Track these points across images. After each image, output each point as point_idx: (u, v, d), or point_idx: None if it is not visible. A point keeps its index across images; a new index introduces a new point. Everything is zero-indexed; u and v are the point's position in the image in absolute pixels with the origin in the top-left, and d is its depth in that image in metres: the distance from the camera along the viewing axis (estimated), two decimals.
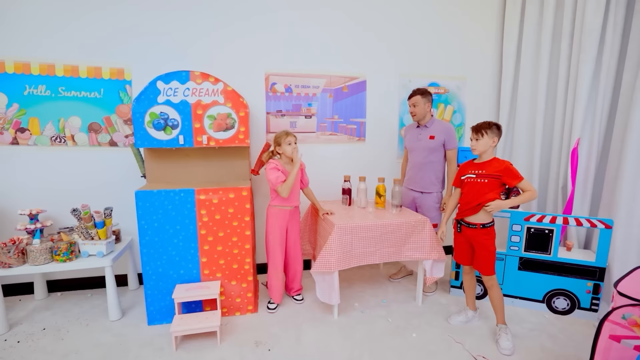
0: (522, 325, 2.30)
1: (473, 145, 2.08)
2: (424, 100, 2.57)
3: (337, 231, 2.24)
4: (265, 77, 2.81)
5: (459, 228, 2.20)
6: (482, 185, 2.06)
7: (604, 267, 2.31)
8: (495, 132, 2.03)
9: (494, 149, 2.08)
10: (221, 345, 2.06)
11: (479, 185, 2.07)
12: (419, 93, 2.57)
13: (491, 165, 2.05)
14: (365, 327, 2.25)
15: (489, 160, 2.08)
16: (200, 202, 2.19)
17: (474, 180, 2.09)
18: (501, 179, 2.01)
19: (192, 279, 2.26)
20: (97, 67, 2.47)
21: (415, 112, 2.59)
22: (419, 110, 2.57)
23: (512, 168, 2.01)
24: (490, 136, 2.03)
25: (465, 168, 2.17)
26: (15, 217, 2.41)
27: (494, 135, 2.03)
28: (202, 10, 2.62)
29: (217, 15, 2.66)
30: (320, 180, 2.96)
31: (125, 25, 2.49)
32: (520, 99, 3.11)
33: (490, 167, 2.05)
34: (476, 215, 2.09)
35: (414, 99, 2.57)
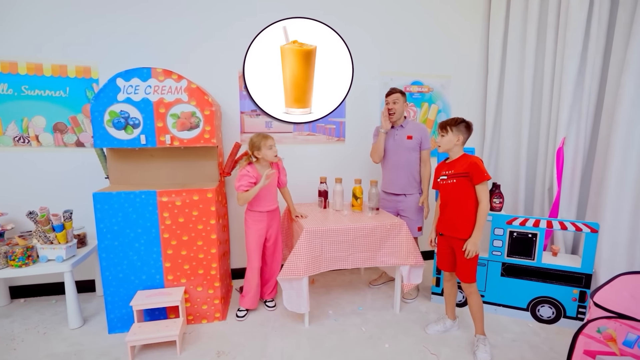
0: (504, 335, 2.17)
1: (438, 141, 2.00)
2: (403, 99, 2.49)
3: (306, 235, 2.14)
4: (239, 76, 2.72)
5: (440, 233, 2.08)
6: (452, 187, 1.96)
7: (590, 273, 2.18)
8: (461, 129, 1.94)
9: (461, 147, 1.97)
10: (181, 356, 1.95)
11: (450, 187, 1.97)
12: (399, 91, 2.48)
13: (459, 163, 1.95)
14: (336, 337, 2.14)
15: (457, 158, 1.98)
16: (162, 205, 2.10)
17: (446, 182, 1.99)
18: (469, 175, 1.90)
19: (155, 285, 2.17)
20: (63, 65, 2.39)
21: (395, 110, 2.48)
22: (399, 107, 2.48)
23: (480, 165, 1.89)
24: (455, 133, 1.93)
25: (439, 169, 2.08)
26: None
27: (460, 132, 1.94)
28: (172, 7, 2.55)
29: (189, 13, 2.58)
30: (298, 182, 2.85)
31: (92, 22, 2.41)
32: (506, 97, 3.00)
33: (457, 165, 1.95)
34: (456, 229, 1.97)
35: (395, 96, 2.48)
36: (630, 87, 2.05)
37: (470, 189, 1.91)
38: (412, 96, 3.10)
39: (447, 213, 2.00)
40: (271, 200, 2.34)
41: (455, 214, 1.95)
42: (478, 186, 1.89)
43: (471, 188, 1.91)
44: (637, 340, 1.19)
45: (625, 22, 2.17)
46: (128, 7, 2.47)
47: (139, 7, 2.49)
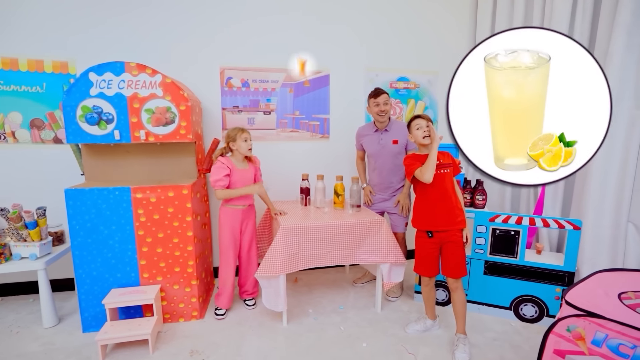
0: (485, 335, 2.13)
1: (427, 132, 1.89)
2: (390, 101, 2.45)
3: (282, 232, 2.10)
4: (220, 72, 2.69)
5: (429, 233, 1.96)
6: (446, 177, 1.92)
7: (573, 271, 2.14)
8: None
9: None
10: (153, 355, 1.92)
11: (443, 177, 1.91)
12: (387, 92, 2.44)
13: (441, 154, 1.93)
14: (314, 336, 2.10)
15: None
16: (137, 201, 2.06)
17: (439, 173, 1.89)
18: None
19: (130, 283, 2.13)
20: (39, 61, 2.36)
21: (386, 111, 2.41)
22: (389, 108, 2.44)
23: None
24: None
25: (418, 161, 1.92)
26: None
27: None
28: (152, 2, 2.51)
29: (169, 8, 2.55)
30: (281, 179, 2.82)
31: (69, 17, 2.38)
32: None
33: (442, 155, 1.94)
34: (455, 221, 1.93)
35: (384, 97, 2.41)
36: (613, 81, 2.01)
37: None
38: (397, 92, 3.06)
39: (448, 204, 1.91)
40: (247, 197, 2.31)
41: (452, 206, 1.92)
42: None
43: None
44: (605, 339, 1.15)
45: (609, 12, 2.12)
46: (105, 1, 2.43)
47: (117, 2, 2.45)
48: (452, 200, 1.92)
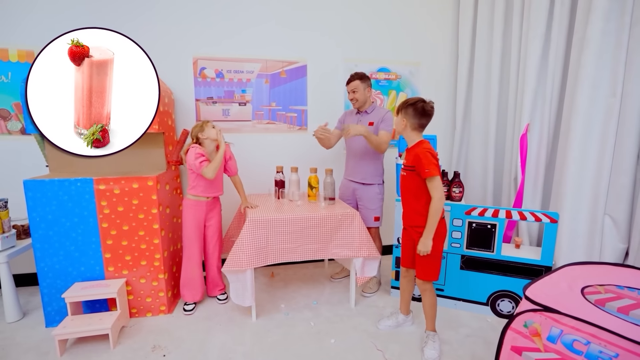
0: (459, 331, 2.07)
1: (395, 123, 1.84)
2: (364, 85, 2.37)
3: (249, 225, 2.04)
4: (194, 62, 2.62)
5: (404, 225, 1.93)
6: (404, 180, 1.82)
7: (550, 265, 2.07)
8: (409, 112, 1.73)
9: (412, 132, 1.77)
10: (114, 350, 1.87)
11: (403, 179, 1.83)
12: (358, 77, 2.36)
13: (409, 153, 1.78)
14: (282, 331, 2.05)
15: (412, 146, 1.79)
16: (100, 193, 2.01)
17: (402, 173, 1.84)
18: (415, 169, 1.72)
19: (95, 277, 2.08)
20: (4, 49, 2.31)
21: (356, 98, 2.38)
22: (360, 95, 2.37)
23: (424, 157, 1.66)
24: (402, 116, 1.76)
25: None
26: None
27: (406, 115, 1.74)
28: None
29: None
30: (257, 172, 2.76)
31: (36, 3, 2.32)
32: (476, 83, 2.88)
33: (408, 155, 1.79)
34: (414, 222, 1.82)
35: (353, 84, 2.37)
36: (589, 68, 1.93)
37: (420, 183, 1.73)
38: (378, 83, 2.99)
39: (405, 205, 1.87)
40: (217, 187, 2.25)
41: (411, 208, 1.82)
42: (427, 181, 1.70)
43: (422, 181, 1.73)
44: (560, 335, 1.08)
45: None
46: None
47: None
48: (410, 204, 1.81)
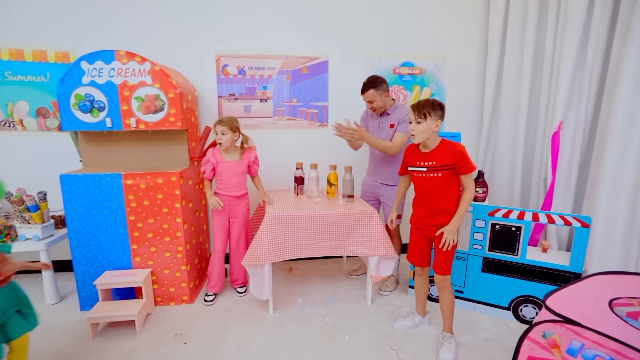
0: (477, 335, 2.01)
1: (412, 129, 1.71)
2: (380, 92, 2.26)
3: (267, 221, 2.08)
4: (216, 59, 2.67)
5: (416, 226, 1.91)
6: (436, 181, 1.74)
7: (580, 272, 1.96)
8: (439, 113, 1.69)
9: (437, 133, 1.75)
10: (139, 335, 1.99)
11: (433, 181, 1.75)
12: (371, 87, 2.25)
13: (442, 153, 1.72)
14: (297, 326, 2.08)
15: (437, 146, 1.74)
16: (127, 187, 2.11)
17: (426, 176, 1.77)
18: (455, 167, 1.70)
19: (123, 266, 2.21)
20: (42, 51, 2.46)
21: (374, 108, 2.31)
22: (378, 104, 2.29)
23: (466, 154, 1.71)
24: (434, 119, 1.68)
25: (411, 156, 1.83)
26: None
27: (438, 117, 1.69)
28: None
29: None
30: (277, 169, 2.80)
31: (71, 8, 2.45)
32: (506, 78, 2.73)
33: (440, 155, 1.72)
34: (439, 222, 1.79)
35: (368, 94, 2.26)
36: (633, 61, 1.78)
37: (455, 180, 1.75)
38: (401, 78, 2.91)
39: (429, 206, 1.80)
40: (234, 187, 2.30)
41: (440, 208, 1.77)
42: (464, 176, 1.71)
43: (456, 178, 1.74)
44: (580, 349, 1.03)
45: None
46: None
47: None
48: (437, 203, 1.77)
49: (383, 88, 2.28)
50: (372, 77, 2.29)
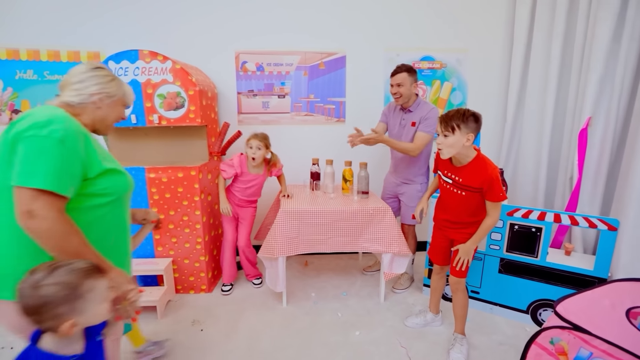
0: (491, 337, 1.97)
1: (439, 142, 1.57)
2: (411, 80, 2.19)
3: (282, 216, 2.12)
4: (236, 56, 2.73)
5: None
6: (461, 199, 1.67)
7: (605, 277, 1.86)
8: (471, 126, 1.50)
9: (471, 147, 1.58)
10: (160, 320, 2.10)
11: (457, 197, 1.68)
12: (405, 70, 2.18)
13: (471, 174, 1.59)
14: (309, 319, 2.13)
15: (469, 163, 1.60)
16: (150, 180, 2.23)
17: (451, 190, 1.71)
18: (482, 191, 1.59)
19: (147, 255, 2.33)
20: (76, 52, 2.62)
21: (400, 93, 2.20)
22: (405, 90, 2.19)
23: (498, 182, 1.55)
24: (464, 132, 1.50)
25: (441, 162, 1.74)
26: None
27: (470, 130, 1.50)
28: None
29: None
30: (293, 164, 2.82)
31: (99, 10, 2.58)
32: (532, 71, 2.60)
33: (469, 175, 1.60)
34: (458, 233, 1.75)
35: (399, 76, 2.18)
36: None
37: (481, 201, 1.64)
38: (421, 73, 2.84)
39: (450, 214, 1.75)
40: (249, 195, 2.39)
41: (461, 220, 1.72)
42: (490, 203, 1.60)
43: (481, 200, 1.63)
44: (589, 358, 0.99)
45: None
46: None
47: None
48: (460, 216, 1.71)
49: (414, 78, 2.22)
50: (407, 64, 2.25)
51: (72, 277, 0.82)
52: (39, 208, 0.88)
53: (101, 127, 1.16)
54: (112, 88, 1.14)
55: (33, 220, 0.88)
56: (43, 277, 0.80)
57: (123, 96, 1.19)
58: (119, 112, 1.21)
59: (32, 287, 0.79)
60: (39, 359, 0.83)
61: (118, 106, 1.19)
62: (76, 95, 1.07)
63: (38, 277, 0.80)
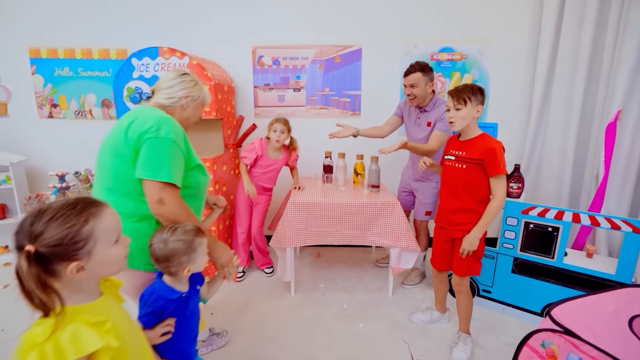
0: (500, 338, 1.92)
1: (451, 116, 1.60)
2: (426, 80, 2.08)
3: (290, 207, 2.17)
4: (253, 50, 2.79)
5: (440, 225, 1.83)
6: (460, 174, 1.64)
7: (629, 282, 1.74)
8: (479, 98, 1.56)
9: (476, 121, 1.62)
10: None
11: (457, 172, 1.65)
12: (419, 69, 2.06)
13: (474, 146, 1.60)
14: (315, 309, 2.17)
15: (473, 138, 1.63)
16: None
17: (452, 165, 1.68)
18: (483, 164, 1.57)
19: None
20: (106, 49, 2.80)
21: (414, 94, 2.11)
22: (419, 91, 2.09)
23: (499, 153, 1.54)
24: (474, 104, 1.55)
25: (450, 144, 1.75)
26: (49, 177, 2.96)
27: (478, 102, 1.56)
28: None
29: None
30: (308, 157, 2.86)
31: (125, 9, 2.74)
32: (560, 62, 2.44)
33: (473, 147, 1.60)
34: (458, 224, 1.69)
35: (413, 77, 2.05)
36: None
37: (483, 179, 1.60)
38: (440, 65, 2.76)
39: (450, 202, 1.70)
40: (266, 181, 2.47)
41: (460, 205, 1.66)
42: (493, 179, 1.57)
43: (485, 178, 1.60)
44: None
45: None
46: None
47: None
48: (461, 200, 1.65)
49: (430, 77, 2.10)
50: (421, 61, 2.12)
51: (188, 236, 1.11)
52: (166, 197, 1.10)
53: (185, 125, 1.32)
54: (196, 92, 1.30)
55: (163, 206, 1.11)
56: (169, 236, 1.09)
57: (203, 98, 1.36)
58: (199, 112, 1.38)
59: (163, 243, 1.09)
60: (165, 289, 1.13)
61: (199, 107, 1.36)
62: (167, 98, 1.25)
63: (165, 236, 1.09)
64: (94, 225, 0.72)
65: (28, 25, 2.77)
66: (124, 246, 0.80)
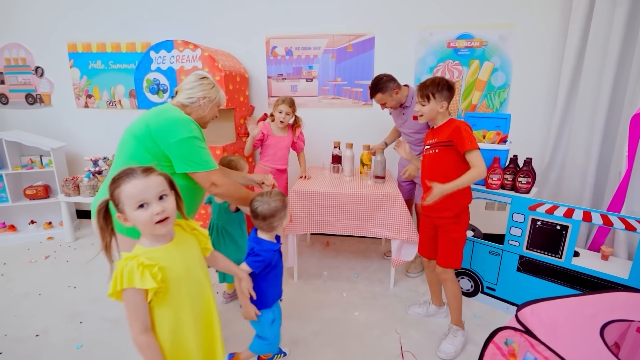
0: None
1: (418, 111, 1.69)
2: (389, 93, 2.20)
3: (291, 195, 2.23)
4: (266, 41, 2.85)
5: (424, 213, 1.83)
6: (435, 159, 1.67)
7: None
8: (444, 94, 1.62)
9: (446, 113, 1.67)
10: None
11: (432, 158, 1.69)
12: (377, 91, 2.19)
13: (442, 131, 1.65)
14: (313, 296, 2.24)
15: (441, 125, 1.67)
16: None
17: (427, 153, 1.72)
18: (453, 144, 1.58)
19: None
20: (132, 43, 2.99)
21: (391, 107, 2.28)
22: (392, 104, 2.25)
23: (464, 130, 1.56)
24: (438, 100, 1.62)
25: (426, 138, 1.79)
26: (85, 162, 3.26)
27: (443, 98, 1.62)
28: None
29: None
30: (318, 146, 2.89)
31: (149, 5, 2.90)
32: (590, 49, 2.24)
33: (441, 132, 1.66)
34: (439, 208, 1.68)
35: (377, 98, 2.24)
36: None
37: (457, 161, 1.60)
38: (457, 53, 2.64)
39: (429, 188, 1.66)
40: (278, 161, 2.49)
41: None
42: (467, 155, 1.56)
43: (459, 160, 1.60)
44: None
45: None
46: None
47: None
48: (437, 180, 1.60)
49: (390, 87, 2.20)
50: (375, 79, 2.22)
51: (281, 196, 1.39)
52: (216, 180, 1.36)
53: (202, 122, 1.50)
54: (213, 93, 1.48)
55: (218, 187, 1.37)
56: (269, 197, 1.37)
57: (219, 99, 1.52)
58: (215, 112, 1.54)
59: (266, 203, 1.35)
60: (267, 242, 1.39)
61: (215, 107, 1.53)
62: (188, 98, 1.43)
63: (266, 198, 1.36)
64: (120, 190, 0.91)
65: (66, 22, 3.03)
66: (150, 212, 0.91)
